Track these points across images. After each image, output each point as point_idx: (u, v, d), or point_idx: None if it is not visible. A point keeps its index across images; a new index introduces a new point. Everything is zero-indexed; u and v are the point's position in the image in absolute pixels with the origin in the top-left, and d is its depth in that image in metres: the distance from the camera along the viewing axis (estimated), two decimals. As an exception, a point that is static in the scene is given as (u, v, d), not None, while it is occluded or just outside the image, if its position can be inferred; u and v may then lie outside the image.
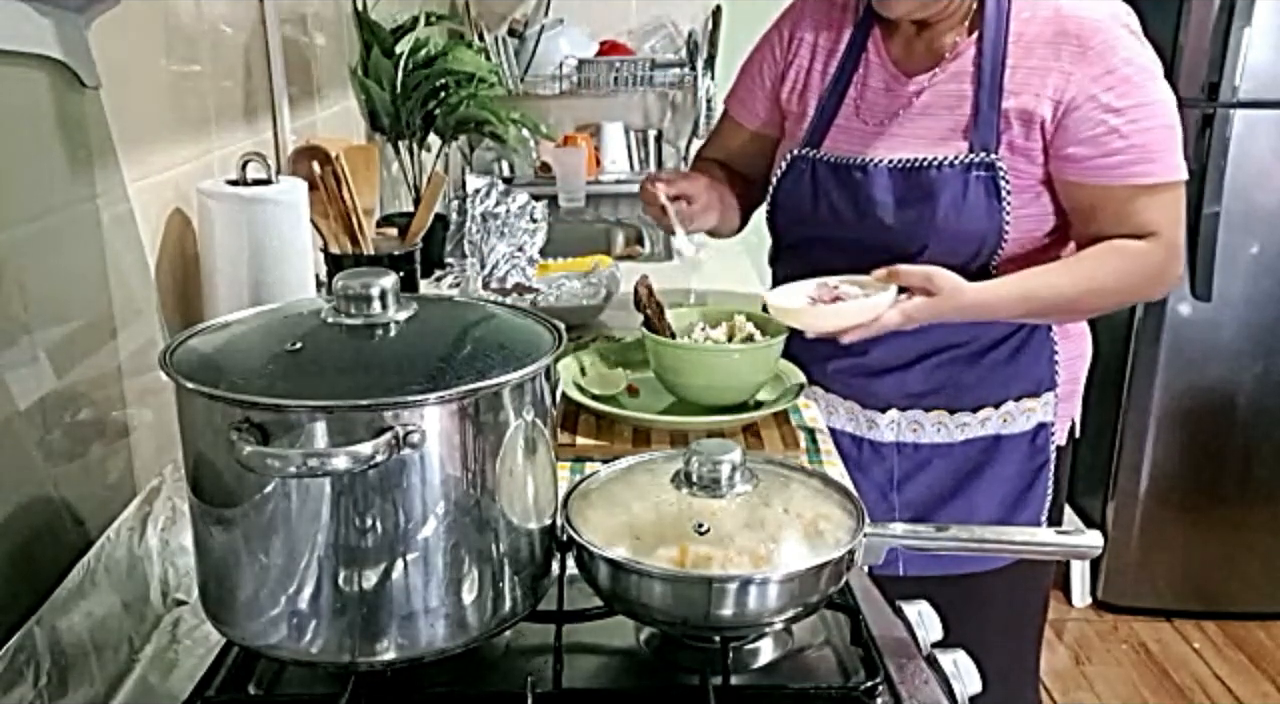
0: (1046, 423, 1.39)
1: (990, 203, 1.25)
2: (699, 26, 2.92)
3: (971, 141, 1.25)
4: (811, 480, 0.83)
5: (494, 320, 0.80)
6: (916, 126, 1.29)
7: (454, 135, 1.94)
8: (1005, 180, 1.25)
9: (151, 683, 0.79)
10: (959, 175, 1.25)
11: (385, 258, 1.37)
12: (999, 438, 1.38)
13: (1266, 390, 2.53)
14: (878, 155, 1.30)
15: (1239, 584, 2.66)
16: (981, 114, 1.25)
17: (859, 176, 1.31)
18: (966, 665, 0.77)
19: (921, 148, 1.28)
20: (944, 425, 1.38)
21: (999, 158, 1.24)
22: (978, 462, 1.38)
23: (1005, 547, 0.84)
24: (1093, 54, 1.20)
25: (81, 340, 0.83)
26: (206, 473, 0.68)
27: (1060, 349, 1.39)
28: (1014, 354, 1.36)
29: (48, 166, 0.80)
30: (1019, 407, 1.37)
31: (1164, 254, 1.26)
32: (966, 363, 1.35)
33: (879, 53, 1.34)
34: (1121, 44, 1.21)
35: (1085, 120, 1.21)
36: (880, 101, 1.33)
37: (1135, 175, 1.22)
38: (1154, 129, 1.21)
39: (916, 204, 1.27)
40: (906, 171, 1.28)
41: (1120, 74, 1.20)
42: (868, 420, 1.40)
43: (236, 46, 1.27)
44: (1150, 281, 1.30)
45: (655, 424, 1.20)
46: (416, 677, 0.75)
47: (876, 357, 1.35)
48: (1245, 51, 2.31)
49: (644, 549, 0.73)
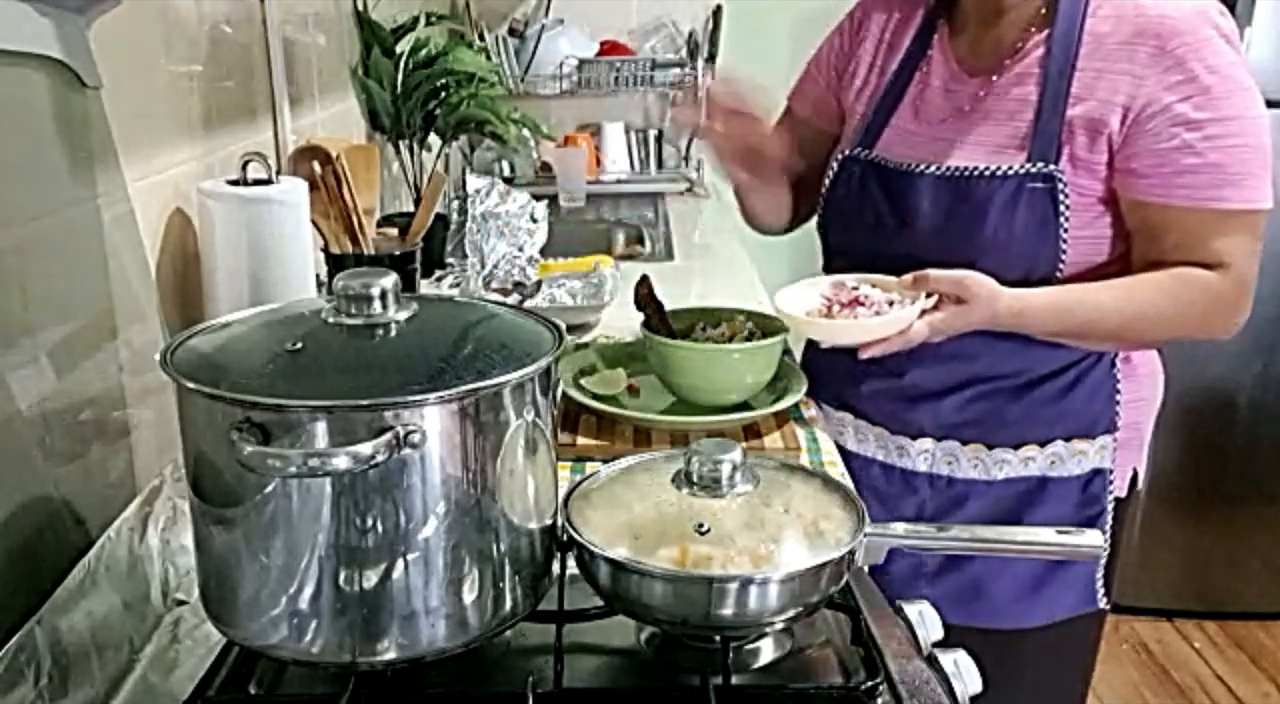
0: (1103, 469, 1.26)
1: (1046, 220, 1.14)
2: (699, 26, 2.92)
3: (1030, 151, 1.14)
4: (812, 480, 0.83)
5: (494, 320, 0.80)
6: (974, 132, 1.18)
7: (454, 135, 1.94)
8: (1065, 195, 1.13)
9: (152, 683, 0.79)
10: (1012, 187, 1.14)
11: (386, 258, 1.37)
12: (1045, 480, 1.25)
13: (1267, 389, 2.53)
14: (928, 161, 1.20)
15: (1240, 584, 2.66)
16: (1043, 120, 1.13)
17: (904, 184, 1.21)
18: (967, 665, 0.77)
19: (976, 156, 1.17)
20: (981, 461, 1.26)
21: (1059, 171, 1.13)
22: (1019, 505, 1.26)
23: (1006, 547, 0.84)
24: (1172, 58, 1.08)
25: (82, 340, 0.83)
26: (207, 473, 0.68)
27: (1124, 389, 1.26)
28: (1068, 390, 1.23)
29: (48, 166, 0.80)
30: (1069, 448, 1.25)
31: (1233, 289, 1.13)
32: (1011, 395, 1.24)
33: (943, 49, 1.24)
34: (1208, 48, 1.08)
35: (1156, 132, 1.09)
36: (939, 102, 1.23)
37: (1209, 200, 1.09)
38: (1236, 148, 1.08)
39: (964, 217, 1.16)
40: (956, 181, 1.17)
41: (1201, 83, 1.08)
42: (898, 447, 1.30)
43: (237, 46, 1.27)
44: (1213, 317, 1.16)
45: (656, 424, 1.20)
46: (417, 677, 0.75)
47: (914, 380, 1.26)
48: (1245, 51, 2.30)
49: (644, 549, 0.73)
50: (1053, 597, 1.28)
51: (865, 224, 1.27)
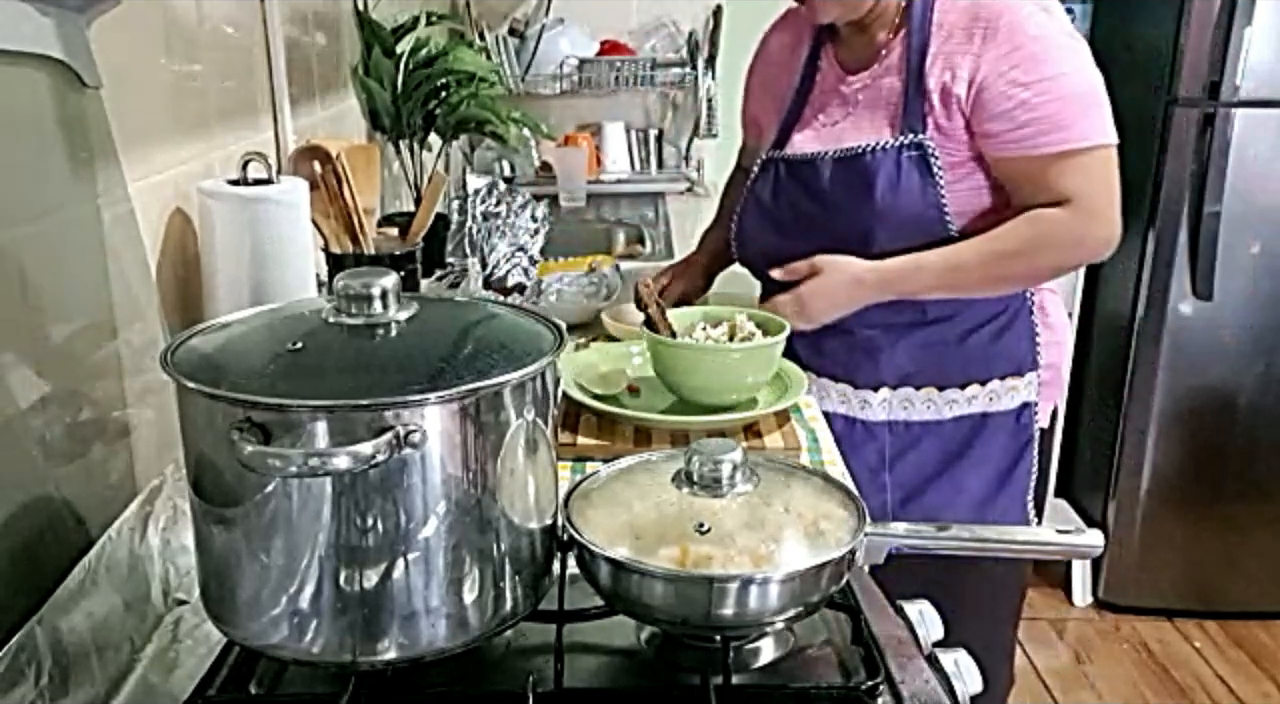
0: (1030, 402, 1.46)
1: (924, 182, 1.33)
2: (700, 26, 2.92)
3: (901, 127, 1.34)
4: (812, 480, 0.83)
5: (495, 320, 0.80)
6: (859, 120, 1.39)
7: (455, 135, 1.94)
8: (935, 157, 1.32)
9: (153, 682, 0.79)
10: (892, 158, 1.33)
11: (386, 257, 1.37)
12: (985, 415, 1.45)
13: (1267, 390, 2.53)
14: (825, 149, 1.40)
15: (1240, 583, 2.66)
16: (909, 100, 1.33)
17: (809, 169, 1.41)
18: (968, 665, 0.77)
19: (861, 137, 1.37)
20: (933, 402, 1.45)
21: (927, 138, 1.32)
22: (965, 439, 1.45)
23: (1006, 546, 0.84)
24: (1001, 35, 1.27)
25: (82, 340, 0.83)
26: (208, 472, 0.68)
27: (1041, 334, 1.47)
28: (998, 334, 1.44)
29: (48, 166, 0.80)
30: (1004, 385, 1.45)
31: (1081, 219, 1.31)
32: (956, 343, 1.43)
33: (829, 58, 1.45)
34: (1031, 21, 1.28)
35: (996, 97, 1.28)
36: (831, 101, 1.43)
37: (1045, 145, 1.28)
38: (1062, 98, 1.27)
39: (857, 188, 1.35)
40: (847, 160, 1.37)
41: (1027, 50, 1.27)
42: (860, 400, 1.46)
43: (238, 46, 1.27)
44: (1065, 247, 1.34)
45: (656, 424, 1.20)
46: (417, 676, 0.75)
47: (864, 334, 1.42)
48: (1245, 51, 2.30)
49: (645, 549, 0.73)
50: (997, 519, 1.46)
51: (781, 208, 1.45)
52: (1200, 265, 2.42)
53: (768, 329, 1.24)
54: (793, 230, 1.43)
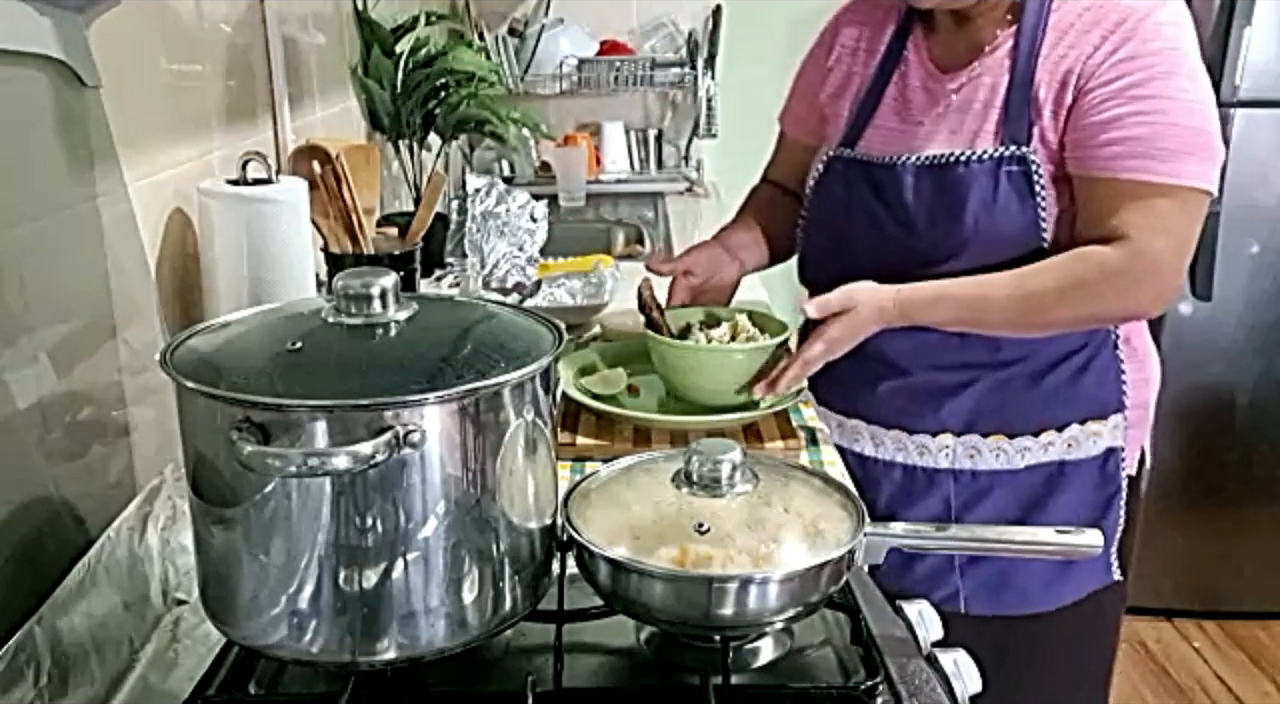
0: (1116, 448, 1.29)
1: (1024, 200, 1.16)
2: (699, 26, 2.92)
3: (1002, 136, 1.17)
4: (812, 480, 0.83)
5: (494, 320, 0.80)
6: (950, 123, 1.22)
7: (454, 135, 1.94)
8: (1038, 174, 1.16)
9: (152, 682, 0.79)
10: (989, 171, 1.17)
11: (385, 257, 1.37)
12: (1063, 464, 1.27)
13: (1267, 390, 2.53)
14: (907, 153, 1.23)
15: (1239, 583, 2.66)
16: (1013, 106, 1.17)
17: (887, 176, 1.24)
18: (967, 665, 0.77)
19: (953, 144, 1.20)
20: (1004, 451, 1.27)
21: (1031, 151, 1.16)
22: (1043, 490, 1.27)
23: (1006, 546, 0.84)
24: (1119, 38, 1.12)
25: (82, 340, 0.83)
26: (207, 472, 0.68)
27: (1128, 369, 1.29)
28: (1077, 374, 1.26)
29: (48, 166, 0.80)
30: (1085, 431, 1.27)
31: (1136, 266, 1.12)
32: (1026, 384, 1.25)
33: (918, 51, 1.28)
34: (1154, 32, 1.12)
35: (1092, 105, 1.12)
36: (918, 100, 1.26)
37: (1121, 170, 1.11)
38: (1166, 127, 1.10)
39: (946, 204, 1.19)
40: (935, 169, 1.20)
41: (1142, 62, 1.11)
42: (918, 447, 1.30)
43: (237, 46, 1.27)
44: (1108, 297, 1.15)
45: (655, 424, 1.20)
46: (417, 676, 0.75)
47: (924, 377, 1.27)
48: (1245, 51, 2.30)
49: (644, 549, 0.73)
50: (1074, 576, 1.30)
51: (852, 220, 1.28)
52: (1200, 265, 2.41)
53: (767, 329, 1.24)
54: (866, 235, 1.26)
